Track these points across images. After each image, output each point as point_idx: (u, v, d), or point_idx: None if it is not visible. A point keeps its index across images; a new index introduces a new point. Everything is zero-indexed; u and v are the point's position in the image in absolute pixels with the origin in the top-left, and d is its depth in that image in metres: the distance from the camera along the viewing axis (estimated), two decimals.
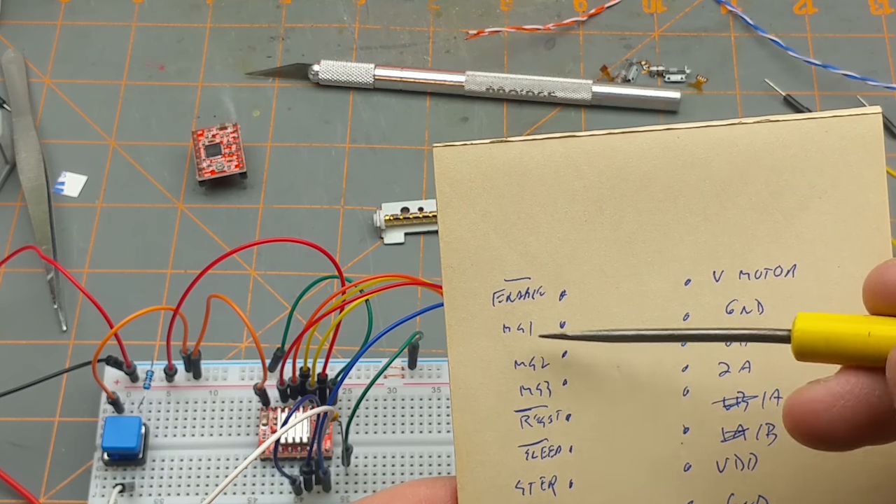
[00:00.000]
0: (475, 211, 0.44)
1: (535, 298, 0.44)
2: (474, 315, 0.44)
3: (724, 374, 0.43)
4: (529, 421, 0.44)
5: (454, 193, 0.44)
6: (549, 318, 0.44)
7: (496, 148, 0.44)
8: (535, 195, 0.43)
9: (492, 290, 0.44)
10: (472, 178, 0.44)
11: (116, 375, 0.61)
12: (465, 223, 0.44)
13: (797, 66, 0.74)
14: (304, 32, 0.76)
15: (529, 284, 0.44)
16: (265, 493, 0.58)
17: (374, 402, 0.61)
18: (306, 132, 0.72)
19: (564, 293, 0.44)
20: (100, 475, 0.59)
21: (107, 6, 0.77)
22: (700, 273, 0.43)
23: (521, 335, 0.44)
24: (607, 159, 0.43)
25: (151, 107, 0.73)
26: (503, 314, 0.44)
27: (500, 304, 0.44)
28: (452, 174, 0.44)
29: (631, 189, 0.43)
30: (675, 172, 0.43)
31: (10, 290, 0.66)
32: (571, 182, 0.43)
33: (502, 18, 0.76)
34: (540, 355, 0.44)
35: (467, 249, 0.44)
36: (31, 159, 0.69)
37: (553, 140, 0.43)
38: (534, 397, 0.44)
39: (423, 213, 0.68)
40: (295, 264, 0.67)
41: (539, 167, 0.43)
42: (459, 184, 0.44)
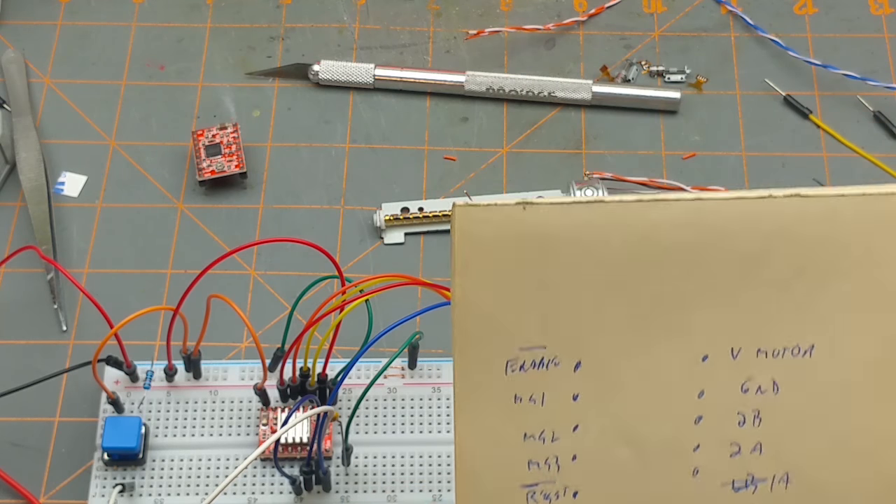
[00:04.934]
0: (494, 274, 0.41)
1: (549, 369, 0.42)
2: (485, 384, 0.42)
3: (734, 455, 0.42)
4: (535, 496, 0.42)
5: (473, 254, 0.41)
6: (562, 390, 0.42)
7: (521, 211, 0.41)
8: (557, 261, 0.41)
9: (505, 358, 0.42)
10: (493, 239, 0.41)
11: (116, 375, 0.61)
12: (482, 286, 0.41)
13: (797, 66, 0.74)
14: (304, 32, 0.76)
15: (544, 354, 0.42)
16: (265, 493, 0.58)
17: (374, 402, 0.61)
18: (306, 132, 0.72)
19: (579, 364, 0.42)
20: (100, 475, 0.59)
21: (107, 6, 0.77)
22: (718, 349, 0.42)
23: (532, 406, 0.42)
24: (633, 227, 0.41)
25: (151, 107, 0.73)
26: (515, 384, 0.42)
27: (513, 373, 0.42)
28: (472, 234, 0.41)
29: (655, 258, 0.41)
30: (700, 244, 0.41)
31: (10, 290, 0.66)
32: (596, 249, 0.41)
33: (502, 18, 0.76)
34: (551, 428, 0.42)
35: (482, 314, 0.42)
36: (31, 159, 0.69)
37: (580, 205, 0.41)
38: (541, 472, 0.42)
39: (423, 213, 0.68)
40: (295, 264, 0.67)
41: (564, 232, 0.41)
42: (479, 245, 0.41)
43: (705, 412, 0.42)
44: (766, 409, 0.42)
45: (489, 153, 0.71)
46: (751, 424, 0.42)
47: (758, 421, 0.42)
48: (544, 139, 0.72)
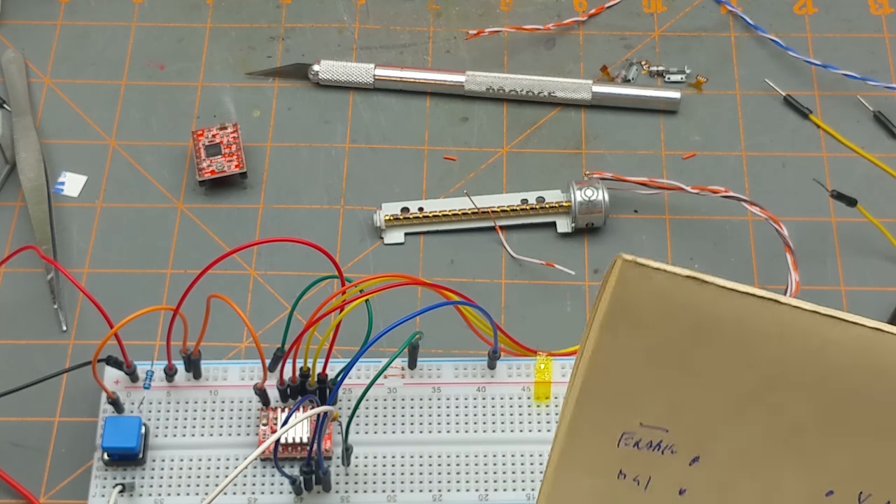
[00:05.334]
0: (639, 341, 0.38)
1: (664, 454, 0.39)
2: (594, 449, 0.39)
3: None
4: None
5: (623, 316, 0.38)
6: (671, 479, 0.39)
7: (691, 284, 0.38)
8: (707, 347, 0.38)
9: (623, 429, 0.39)
10: (651, 306, 0.38)
11: (116, 375, 0.61)
12: (624, 350, 0.38)
13: (797, 66, 0.74)
14: (304, 32, 0.76)
15: (664, 437, 0.39)
16: (265, 493, 0.58)
17: (374, 402, 0.61)
18: (306, 132, 0.72)
19: (697, 460, 0.39)
20: (100, 475, 0.59)
21: (107, 6, 0.77)
22: (846, 488, 0.38)
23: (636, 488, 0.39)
24: (802, 340, 0.38)
25: (151, 107, 0.73)
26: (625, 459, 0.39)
27: (626, 447, 0.39)
28: (630, 294, 0.38)
29: (812, 380, 0.38)
30: (866, 376, 0.38)
31: (10, 290, 0.66)
32: (754, 350, 0.38)
33: (502, 18, 0.76)
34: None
35: (613, 377, 0.39)
36: (31, 159, 0.69)
37: (754, 298, 0.38)
38: None
39: (423, 213, 0.68)
40: (295, 264, 0.67)
41: (726, 321, 0.38)
42: (633, 308, 0.38)
43: None
44: None
45: (489, 153, 0.71)
46: None
47: None
48: (544, 139, 0.72)
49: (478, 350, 0.62)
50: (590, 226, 0.68)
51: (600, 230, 0.68)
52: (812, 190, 0.69)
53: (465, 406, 0.60)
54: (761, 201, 0.66)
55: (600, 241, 0.68)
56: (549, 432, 0.60)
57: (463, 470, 0.59)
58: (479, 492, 0.59)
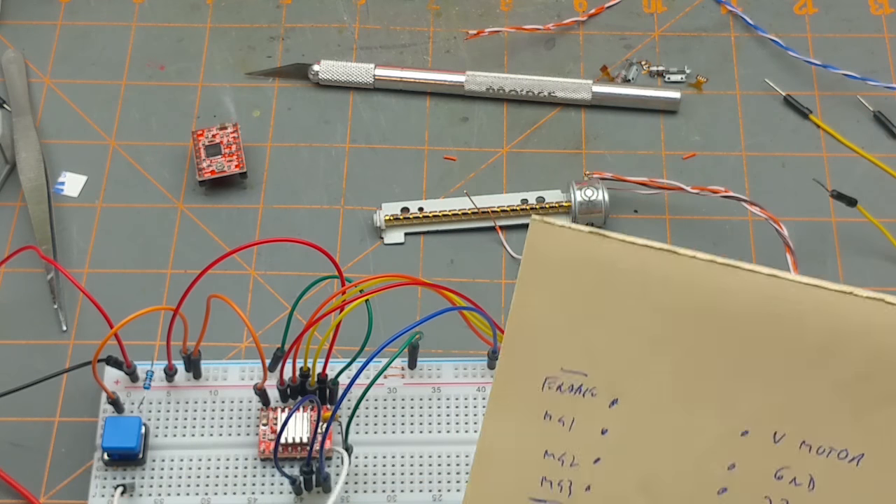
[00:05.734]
0: (554, 293, 0.42)
1: (584, 396, 0.42)
2: (521, 393, 0.42)
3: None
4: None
5: (538, 270, 0.42)
6: (592, 421, 0.42)
7: (593, 239, 0.42)
8: (617, 296, 0.41)
9: (545, 374, 0.42)
10: (561, 260, 0.41)
11: (116, 375, 0.61)
12: (540, 301, 0.42)
13: (797, 66, 0.74)
14: (304, 32, 0.76)
15: (584, 381, 0.42)
16: (265, 493, 0.58)
17: (374, 402, 0.61)
18: (306, 132, 0.72)
19: (616, 402, 0.42)
20: (100, 475, 0.59)
21: (107, 6, 0.77)
22: (760, 429, 0.41)
23: (560, 428, 0.42)
24: (702, 287, 0.40)
25: (151, 107, 0.73)
26: (549, 401, 0.42)
27: (549, 391, 0.42)
28: (542, 251, 0.42)
29: (717, 323, 0.41)
30: (767, 322, 0.40)
31: (10, 290, 0.66)
32: (658, 297, 0.41)
33: (502, 18, 0.76)
34: (572, 453, 0.42)
35: (534, 327, 0.42)
36: (31, 159, 0.69)
37: (653, 250, 0.41)
38: (553, 492, 0.42)
39: (423, 213, 0.68)
40: (295, 264, 0.67)
41: (630, 271, 0.41)
42: (546, 262, 0.42)
43: (731, 485, 0.41)
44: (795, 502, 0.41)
45: (489, 153, 0.71)
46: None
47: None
48: (544, 139, 0.72)
49: (478, 350, 0.62)
50: (590, 226, 0.68)
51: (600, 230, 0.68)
52: (812, 190, 0.69)
53: (464, 406, 0.60)
54: (761, 201, 0.66)
55: None
56: None
57: (463, 470, 0.59)
58: None
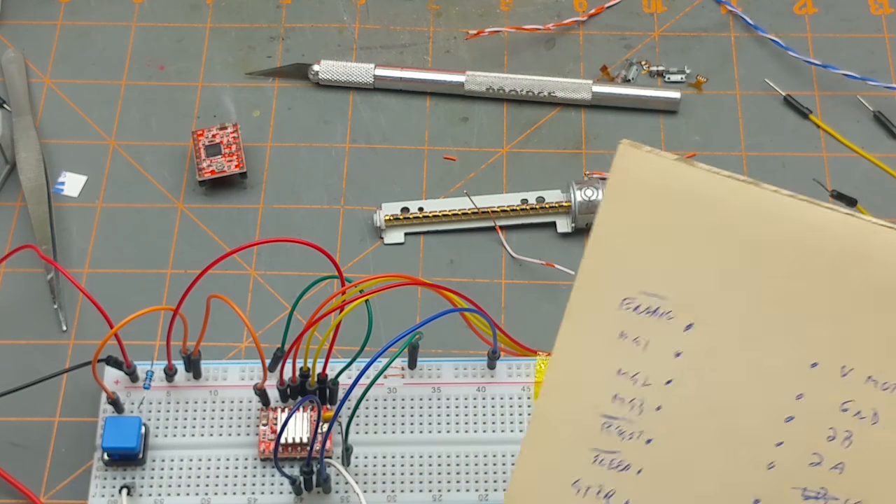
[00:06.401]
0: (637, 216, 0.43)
1: (660, 319, 0.43)
2: (598, 311, 0.43)
3: (815, 465, 0.42)
4: (611, 429, 0.43)
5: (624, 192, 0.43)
6: (667, 343, 0.43)
7: (679, 167, 0.42)
8: (699, 224, 0.42)
9: (624, 294, 0.43)
10: (647, 184, 0.42)
11: (116, 375, 0.61)
12: (624, 223, 0.43)
13: (797, 66, 0.74)
14: (304, 32, 0.76)
15: (661, 304, 0.43)
16: (265, 493, 0.58)
17: (374, 402, 0.61)
18: (306, 132, 0.72)
19: (691, 326, 0.43)
20: (100, 475, 0.59)
21: (107, 6, 0.77)
22: (829, 361, 0.42)
23: (634, 348, 0.43)
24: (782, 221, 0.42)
25: (151, 107, 0.73)
26: (625, 321, 0.43)
27: (626, 311, 0.43)
28: (628, 174, 0.43)
29: (794, 257, 0.42)
30: (844, 259, 0.41)
31: (10, 290, 0.66)
32: (739, 227, 0.42)
33: (502, 18, 0.76)
34: (645, 373, 0.43)
35: (616, 247, 0.43)
36: (31, 159, 0.69)
37: (737, 181, 0.42)
38: (624, 408, 0.43)
39: (423, 213, 0.68)
40: (295, 264, 0.67)
41: (714, 201, 0.42)
42: (632, 185, 0.43)
43: (798, 414, 0.42)
44: (859, 435, 0.42)
45: (489, 153, 0.71)
46: (840, 443, 0.42)
47: (848, 442, 0.42)
48: (544, 139, 0.72)
49: (478, 350, 0.62)
50: (590, 226, 0.67)
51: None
52: (812, 190, 0.69)
53: (464, 406, 0.60)
54: None
55: None
56: None
57: (463, 470, 0.59)
58: (479, 492, 0.59)
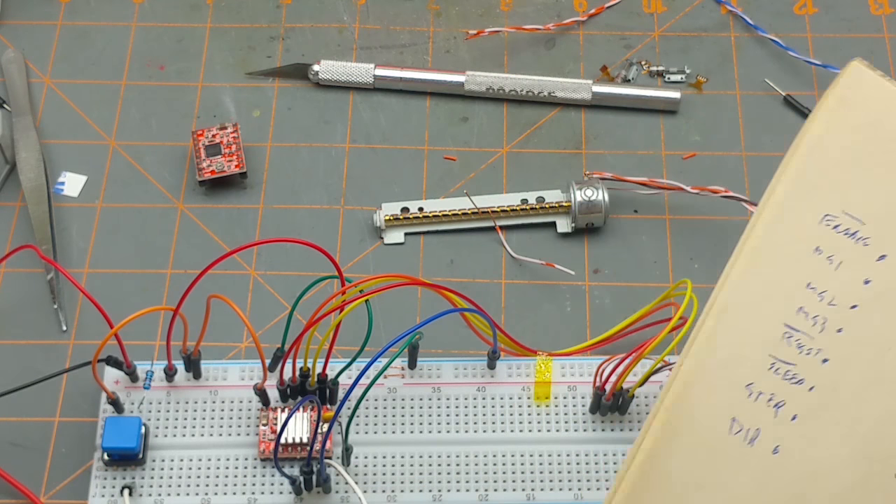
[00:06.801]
0: (855, 136, 0.42)
1: (857, 243, 0.43)
2: (799, 220, 0.43)
3: None
4: (791, 340, 0.43)
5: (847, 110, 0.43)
6: (859, 268, 0.42)
7: None
8: None
9: (826, 210, 0.43)
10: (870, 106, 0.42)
11: (116, 375, 0.61)
12: (838, 142, 0.42)
13: (797, 66, 0.74)
14: (304, 32, 0.76)
15: (860, 229, 0.42)
16: (265, 493, 0.58)
17: (374, 403, 0.61)
18: (306, 132, 0.72)
19: (884, 257, 0.42)
20: (100, 475, 0.59)
21: (107, 6, 0.77)
22: None
23: (827, 265, 0.43)
24: None
25: (151, 107, 0.73)
26: (823, 236, 0.43)
27: (826, 227, 0.43)
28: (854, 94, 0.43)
29: None
30: None
31: (10, 290, 0.66)
32: None
33: (502, 18, 0.76)
34: (833, 293, 0.43)
35: (826, 160, 0.43)
36: (31, 159, 0.69)
37: None
38: (807, 323, 0.43)
39: (423, 213, 0.68)
40: (295, 264, 0.67)
41: None
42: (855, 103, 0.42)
43: None
44: None
45: (489, 153, 0.71)
46: None
47: None
48: (544, 139, 0.72)
49: (478, 350, 0.62)
50: (590, 226, 0.68)
51: (600, 230, 0.68)
52: None
53: (464, 406, 0.60)
54: None
55: (600, 241, 0.68)
56: (549, 432, 0.60)
57: (463, 470, 0.59)
58: (479, 492, 0.59)
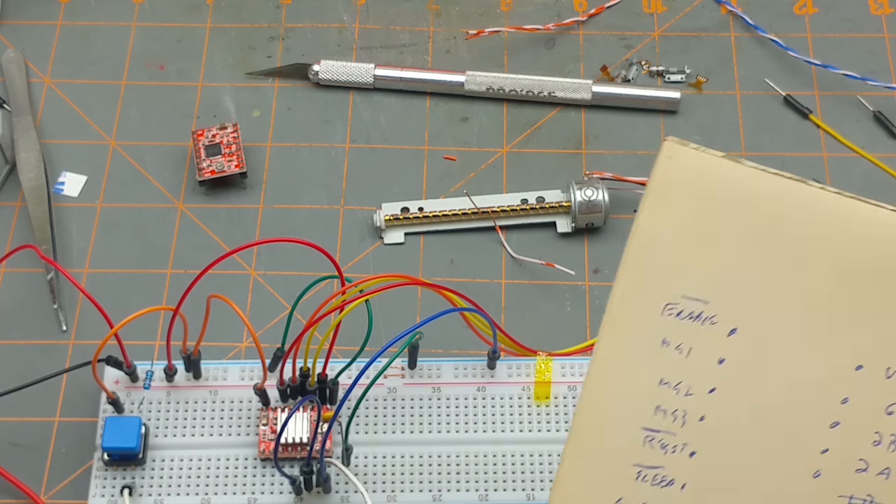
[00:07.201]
0: (681, 216, 0.42)
1: (704, 325, 0.42)
2: (640, 315, 0.42)
3: (861, 471, 0.41)
4: (653, 443, 0.42)
5: (666, 193, 0.42)
6: (710, 350, 0.42)
7: (726, 164, 0.42)
8: (745, 225, 0.41)
9: (666, 299, 0.42)
10: (692, 183, 0.42)
11: (116, 375, 0.61)
12: (666, 225, 0.42)
13: (797, 66, 0.74)
14: (304, 32, 0.76)
15: (704, 309, 0.42)
16: (265, 493, 0.58)
17: (374, 402, 0.61)
18: (306, 132, 0.72)
19: (735, 331, 0.42)
20: (100, 475, 0.59)
21: (107, 6, 0.77)
22: (875, 364, 0.41)
23: (677, 355, 0.42)
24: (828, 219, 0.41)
25: (151, 107, 0.73)
26: (667, 327, 0.42)
27: (669, 316, 0.42)
28: (674, 172, 0.42)
29: (840, 256, 0.41)
30: (885, 258, 0.41)
31: (10, 290, 0.66)
32: (785, 227, 0.41)
33: (502, 18, 0.76)
34: (688, 383, 0.42)
35: (657, 249, 0.42)
36: (31, 159, 0.69)
37: (787, 179, 0.41)
38: (666, 421, 0.42)
39: (422, 213, 0.68)
40: (295, 264, 0.67)
41: (762, 200, 0.41)
42: (675, 185, 0.42)
43: (844, 420, 0.42)
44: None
45: (489, 153, 0.71)
46: (886, 447, 0.41)
47: (894, 446, 0.41)
48: (544, 139, 0.72)
49: (478, 350, 0.62)
50: (590, 226, 0.68)
51: (600, 230, 0.68)
52: None
53: (464, 406, 0.60)
54: None
55: (600, 241, 0.68)
56: (549, 432, 0.60)
57: (463, 470, 0.59)
58: (479, 492, 0.59)
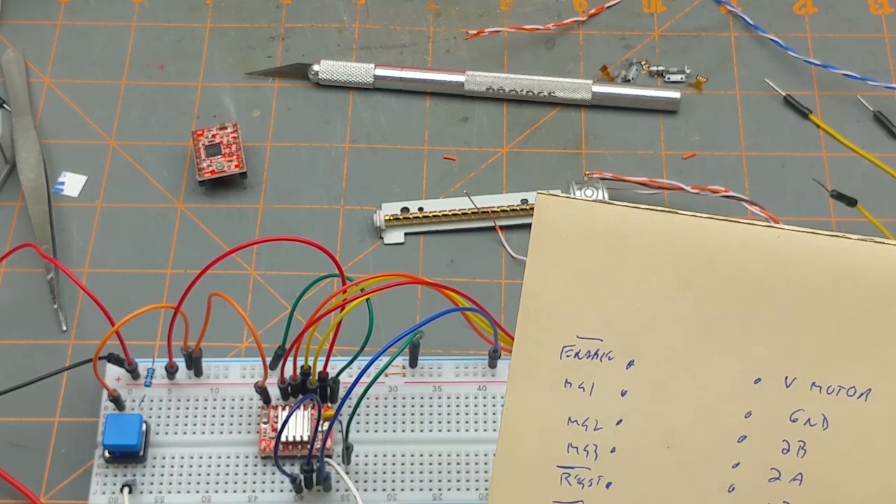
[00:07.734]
0: (564, 263, 0.43)
1: (602, 361, 0.43)
2: (540, 364, 0.43)
3: (773, 480, 0.43)
4: (570, 479, 0.44)
5: (548, 243, 0.43)
6: (611, 384, 0.43)
7: (598, 207, 0.43)
8: (624, 261, 0.43)
9: (562, 343, 0.43)
10: (569, 231, 0.43)
11: (117, 373, 0.61)
12: (552, 273, 0.43)
13: (797, 66, 0.74)
14: (304, 32, 0.76)
15: (600, 346, 0.43)
16: (265, 491, 0.58)
17: (375, 401, 0.61)
18: (306, 132, 0.72)
19: (633, 363, 0.43)
20: (101, 473, 0.59)
21: (107, 6, 0.77)
22: (772, 375, 0.42)
23: (581, 394, 0.43)
24: (703, 243, 0.42)
25: (151, 107, 0.73)
26: (568, 369, 0.43)
27: (568, 358, 0.43)
28: (550, 224, 0.43)
29: (720, 276, 0.42)
30: (767, 270, 0.42)
31: (10, 290, 0.66)
32: (663, 257, 0.43)
33: (502, 18, 0.76)
34: (595, 418, 0.43)
35: (548, 299, 0.43)
36: (31, 159, 0.69)
37: (654, 212, 0.43)
38: (579, 457, 0.44)
39: (422, 213, 0.68)
40: (295, 264, 0.67)
41: (635, 235, 0.43)
42: (555, 234, 0.43)
43: (750, 433, 0.43)
44: (812, 443, 0.42)
45: (489, 153, 0.71)
46: (795, 454, 0.43)
47: (802, 452, 0.43)
48: (544, 139, 0.72)
49: (478, 349, 0.62)
50: None
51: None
52: (812, 190, 0.69)
53: (465, 405, 0.60)
54: (761, 201, 0.66)
55: None
56: None
57: (463, 469, 0.59)
58: (479, 491, 0.59)
